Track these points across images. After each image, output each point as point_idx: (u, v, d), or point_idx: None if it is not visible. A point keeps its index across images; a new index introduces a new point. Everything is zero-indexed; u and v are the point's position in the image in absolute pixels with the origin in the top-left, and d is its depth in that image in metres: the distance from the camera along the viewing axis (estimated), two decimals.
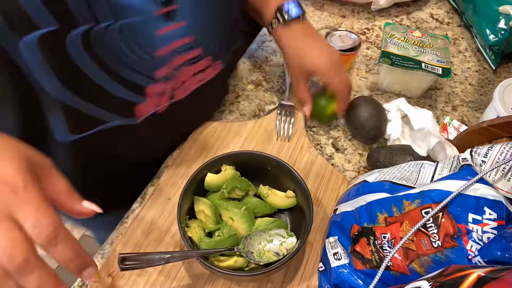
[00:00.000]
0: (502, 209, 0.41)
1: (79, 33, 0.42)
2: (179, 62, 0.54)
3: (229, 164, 0.59)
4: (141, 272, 0.55)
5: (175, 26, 0.49)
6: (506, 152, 0.46)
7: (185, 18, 0.49)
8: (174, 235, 0.59)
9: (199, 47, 0.55)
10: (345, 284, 0.51)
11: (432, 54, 0.77)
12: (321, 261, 0.56)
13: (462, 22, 0.98)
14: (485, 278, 0.31)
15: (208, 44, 0.57)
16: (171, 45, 0.51)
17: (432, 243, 0.43)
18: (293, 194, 0.58)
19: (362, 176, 0.60)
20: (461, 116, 0.79)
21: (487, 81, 0.86)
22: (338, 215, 0.57)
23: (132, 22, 0.44)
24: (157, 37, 0.48)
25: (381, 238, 0.48)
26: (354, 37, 0.82)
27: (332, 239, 0.55)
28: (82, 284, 0.55)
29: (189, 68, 0.56)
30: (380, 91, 0.82)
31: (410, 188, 0.49)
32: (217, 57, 0.61)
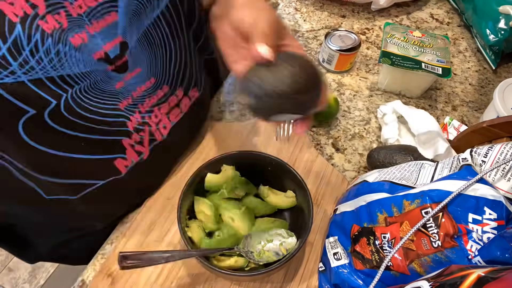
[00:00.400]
0: (502, 209, 0.41)
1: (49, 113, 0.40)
2: (149, 106, 0.52)
3: (229, 164, 0.59)
4: (141, 272, 0.55)
5: (131, 75, 0.47)
6: (506, 152, 0.46)
7: (140, 64, 0.47)
8: (174, 235, 0.59)
9: (164, 84, 0.53)
10: (345, 284, 0.51)
11: (432, 54, 0.77)
12: (321, 261, 0.56)
13: (462, 22, 0.98)
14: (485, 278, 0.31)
15: (173, 80, 0.55)
16: (133, 94, 0.49)
17: (432, 243, 0.43)
18: (293, 194, 0.58)
19: (362, 176, 0.60)
20: (461, 116, 0.79)
21: (487, 81, 0.86)
22: (338, 215, 0.57)
23: (85, 85, 0.42)
24: (117, 90, 0.46)
25: (381, 238, 0.48)
26: (354, 37, 0.82)
27: (332, 239, 0.55)
28: (82, 284, 0.55)
29: (160, 108, 0.54)
30: (380, 91, 0.82)
31: (410, 188, 0.49)
32: (188, 87, 0.59)
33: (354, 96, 0.80)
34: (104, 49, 0.42)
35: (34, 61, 0.36)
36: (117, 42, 0.43)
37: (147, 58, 0.48)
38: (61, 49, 0.38)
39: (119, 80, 0.46)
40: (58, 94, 0.40)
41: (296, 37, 0.92)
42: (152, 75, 0.50)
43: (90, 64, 0.41)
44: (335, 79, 0.83)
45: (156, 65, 0.50)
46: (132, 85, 0.48)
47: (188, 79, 0.58)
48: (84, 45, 0.40)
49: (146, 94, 0.51)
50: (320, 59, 0.85)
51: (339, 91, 0.81)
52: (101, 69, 0.43)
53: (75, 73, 0.40)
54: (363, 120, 0.76)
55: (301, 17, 0.97)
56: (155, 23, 0.48)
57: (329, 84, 0.82)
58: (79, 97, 0.42)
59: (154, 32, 0.48)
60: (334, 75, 0.84)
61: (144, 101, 0.51)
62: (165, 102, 0.55)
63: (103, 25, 0.41)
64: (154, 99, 0.53)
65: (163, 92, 0.53)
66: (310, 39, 0.91)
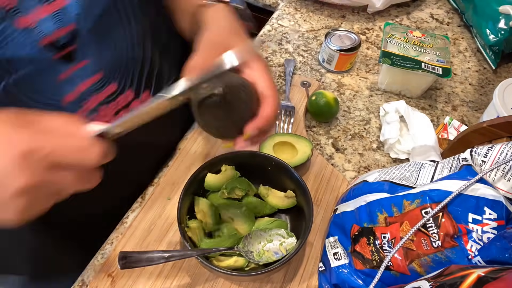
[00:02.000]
0: (502, 209, 0.41)
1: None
2: (95, 104, 0.49)
3: (229, 164, 0.59)
4: (141, 272, 0.55)
5: (77, 66, 0.44)
6: (506, 152, 0.46)
7: (88, 56, 0.45)
8: (174, 235, 0.59)
9: (112, 82, 0.50)
10: (345, 284, 0.51)
11: (432, 54, 0.77)
12: (321, 261, 0.56)
13: (462, 22, 0.98)
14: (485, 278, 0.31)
15: (122, 77, 0.51)
16: (79, 87, 0.46)
17: (432, 243, 0.43)
18: (293, 194, 0.58)
19: (362, 176, 0.60)
20: (461, 116, 0.79)
21: (487, 81, 0.86)
22: (338, 215, 0.57)
23: (27, 73, 0.40)
24: (61, 82, 0.44)
25: (381, 238, 0.48)
26: (354, 37, 0.82)
27: (332, 239, 0.55)
28: (82, 284, 0.55)
29: (108, 107, 0.51)
30: (380, 91, 0.82)
31: (410, 188, 0.49)
32: (139, 88, 0.55)
33: (354, 96, 0.80)
34: (53, 35, 0.40)
35: None
36: (69, 29, 0.41)
37: (97, 51, 0.46)
38: (6, 29, 0.36)
39: (64, 70, 0.43)
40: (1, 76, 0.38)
41: (296, 37, 0.92)
42: (99, 69, 0.47)
43: (35, 49, 0.39)
44: (335, 79, 0.83)
45: (105, 59, 0.48)
46: (77, 77, 0.45)
47: (139, 79, 0.55)
48: (30, 30, 0.38)
49: (93, 89, 0.48)
50: (320, 59, 0.85)
51: (339, 91, 0.81)
52: (46, 57, 0.41)
53: (18, 56, 0.38)
54: (363, 120, 0.76)
55: (301, 17, 0.97)
56: (108, 12, 0.46)
57: (329, 84, 0.82)
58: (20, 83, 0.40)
59: (107, 23, 0.46)
60: (334, 75, 0.84)
61: (90, 98, 0.48)
62: (113, 101, 0.51)
63: (54, 8, 0.39)
64: (101, 97, 0.50)
65: (110, 91, 0.50)
66: (310, 39, 0.91)
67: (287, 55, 0.88)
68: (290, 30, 0.93)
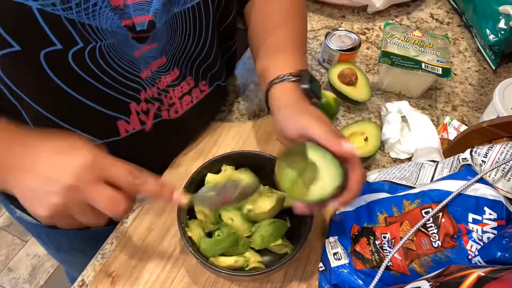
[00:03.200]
0: (502, 209, 0.41)
1: (73, 53, 0.44)
2: (165, 85, 0.55)
3: (229, 164, 0.59)
4: (141, 272, 0.55)
5: (147, 47, 0.49)
6: (506, 152, 0.46)
7: (156, 41, 0.50)
8: (174, 235, 0.59)
9: (175, 67, 0.55)
10: (345, 284, 0.51)
11: (432, 54, 0.77)
12: (321, 261, 0.56)
13: (462, 22, 0.98)
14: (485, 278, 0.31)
15: (183, 65, 0.57)
16: (151, 66, 0.52)
17: (432, 243, 0.43)
18: None
19: None
20: (461, 116, 0.79)
21: (487, 81, 0.86)
22: (338, 215, 0.57)
23: (111, 43, 0.46)
24: (137, 58, 0.49)
25: (381, 238, 0.48)
26: (354, 37, 0.82)
27: (332, 239, 0.55)
28: (82, 284, 0.55)
29: (175, 90, 0.57)
30: (380, 91, 0.82)
31: (410, 188, 0.49)
32: (198, 79, 0.61)
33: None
34: (133, 19, 0.45)
35: (74, 3, 0.40)
36: (147, 19, 0.46)
37: (165, 39, 0.51)
38: (99, 3, 0.42)
39: (137, 49, 0.49)
40: (87, 39, 0.43)
41: None
42: (164, 53, 0.53)
43: (116, 26, 0.45)
44: None
45: (170, 47, 0.53)
46: (148, 57, 0.51)
47: (197, 71, 0.60)
48: (119, 9, 0.43)
49: (161, 71, 0.54)
50: (320, 59, 0.85)
51: None
52: (124, 33, 0.46)
53: (102, 27, 0.44)
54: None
55: None
56: (184, 12, 0.51)
57: None
58: (105, 50, 0.46)
59: (180, 19, 0.51)
60: None
61: (160, 78, 0.54)
62: (178, 85, 0.57)
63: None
64: (168, 79, 0.55)
65: (175, 75, 0.56)
66: (310, 39, 0.91)
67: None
68: None
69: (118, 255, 0.57)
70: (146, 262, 0.56)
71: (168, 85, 0.56)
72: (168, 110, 0.59)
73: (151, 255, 0.57)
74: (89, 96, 0.49)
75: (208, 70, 0.63)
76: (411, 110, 0.72)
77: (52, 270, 1.53)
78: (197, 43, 0.57)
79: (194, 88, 0.61)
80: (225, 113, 0.76)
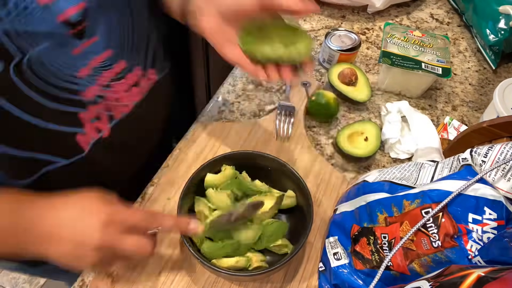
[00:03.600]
0: (502, 209, 0.41)
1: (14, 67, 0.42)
2: (106, 80, 0.52)
3: (229, 164, 0.59)
4: (141, 272, 0.55)
5: (88, 42, 0.48)
6: (506, 152, 0.46)
7: (98, 33, 0.48)
8: (174, 235, 0.59)
9: (121, 59, 0.53)
10: (345, 284, 0.51)
11: (432, 54, 0.77)
12: (321, 261, 0.56)
13: (462, 22, 0.98)
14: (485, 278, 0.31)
15: (130, 55, 0.55)
16: (91, 63, 0.49)
17: (432, 243, 0.43)
18: (293, 194, 0.58)
19: (362, 176, 0.60)
20: (461, 116, 0.79)
21: (487, 81, 0.86)
22: (338, 215, 0.57)
23: (46, 46, 0.44)
24: (75, 57, 0.47)
25: (381, 238, 0.48)
26: (354, 37, 0.82)
27: (332, 239, 0.55)
28: (82, 284, 0.55)
29: (118, 84, 0.54)
30: (380, 91, 0.82)
31: (410, 188, 0.49)
32: (147, 67, 0.59)
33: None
34: (67, 12, 0.43)
35: (4, 12, 0.38)
36: (81, 7, 0.44)
37: (105, 28, 0.49)
38: (28, 4, 0.40)
39: (76, 46, 0.47)
40: (24, 48, 0.42)
41: None
42: (108, 46, 0.51)
43: (52, 25, 0.43)
44: None
45: (113, 37, 0.51)
46: (89, 53, 0.49)
47: (145, 58, 0.58)
48: (49, 6, 0.41)
49: (103, 65, 0.51)
50: (320, 59, 0.85)
51: None
52: (62, 32, 0.44)
53: (38, 30, 0.42)
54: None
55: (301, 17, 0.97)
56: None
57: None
58: (42, 56, 0.44)
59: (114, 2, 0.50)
60: None
61: (101, 74, 0.51)
62: (123, 78, 0.55)
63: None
64: (111, 73, 0.53)
65: (120, 68, 0.54)
66: None
67: None
68: None
69: None
70: (146, 262, 0.56)
71: (111, 79, 0.53)
72: (116, 107, 0.55)
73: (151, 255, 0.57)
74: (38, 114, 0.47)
75: (156, 57, 0.61)
76: (411, 110, 0.72)
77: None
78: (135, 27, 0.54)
79: (142, 78, 0.59)
80: (225, 113, 0.76)
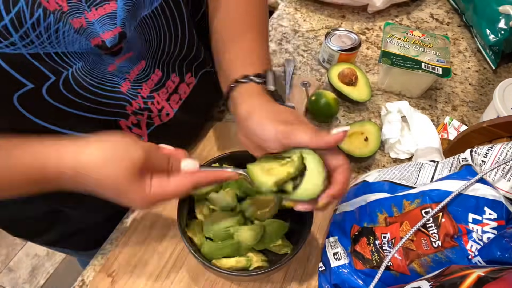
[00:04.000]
0: (502, 209, 0.41)
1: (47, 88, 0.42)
2: (148, 91, 0.52)
3: (229, 164, 0.59)
4: (141, 272, 0.55)
5: (122, 58, 0.47)
6: (506, 152, 0.46)
7: (132, 49, 0.48)
8: (174, 235, 0.59)
9: (156, 68, 0.53)
10: (345, 284, 0.51)
11: (432, 54, 0.77)
12: (321, 261, 0.56)
13: (462, 22, 0.98)
14: (485, 278, 0.31)
15: (164, 64, 0.54)
16: (129, 76, 0.50)
17: (432, 243, 0.43)
18: None
19: (362, 176, 0.60)
20: (461, 116, 0.79)
21: (487, 81, 0.86)
22: (338, 215, 0.57)
23: (82, 66, 0.44)
24: (111, 73, 0.47)
25: (381, 238, 0.48)
26: (354, 37, 0.82)
27: (332, 239, 0.55)
28: (82, 284, 0.55)
29: (159, 94, 0.54)
30: (380, 91, 0.82)
31: (410, 188, 0.49)
32: (182, 73, 0.58)
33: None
34: (102, 37, 0.43)
35: (34, 35, 0.37)
36: (116, 32, 0.43)
37: (140, 44, 0.49)
38: (60, 27, 0.39)
39: (112, 63, 0.47)
40: (58, 70, 0.41)
41: (296, 37, 0.92)
42: (142, 58, 0.51)
43: (85, 47, 0.42)
44: None
45: (148, 51, 0.51)
46: (124, 67, 0.49)
47: (180, 66, 0.58)
48: (83, 29, 0.41)
49: (141, 78, 0.51)
50: (320, 59, 0.85)
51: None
52: (96, 52, 0.44)
53: (70, 51, 0.41)
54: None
55: (301, 17, 0.97)
56: (152, 13, 0.48)
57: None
58: (79, 75, 0.44)
59: (150, 21, 0.49)
60: None
61: (141, 85, 0.52)
62: (163, 87, 0.55)
63: (101, 13, 0.42)
64: (150, 83, 0.53)
65: (157, 77, 0.54)
66: (310, 39, 0.91)
67: (287, 55, 0.88)
68: (290, 30, 0.93)
69: (118, 255, 0.57)
70: (146, 262, 0.56)
71: (151, 90, 0.53)
72: (159, 116, 0.56)
73: (151, 255, 0.57)
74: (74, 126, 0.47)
75: (193, 62, 0.60)
76: (411, 110, 0.72)
77: (52, 270, 1.53)
78: (175, 40, 0.54)
79: (180, 84, 0.58)
80: (225, 113, 0.76)
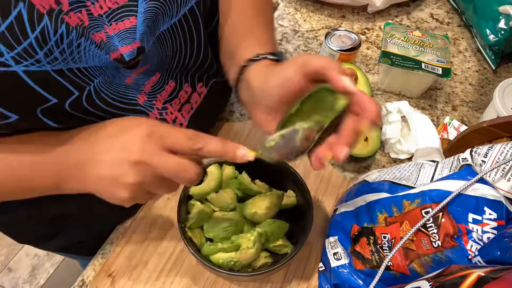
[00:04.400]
0: (502, 209, 0.41)
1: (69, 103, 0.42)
2: (162, 102, 0.53)
3: (229, 164, 0.59)
4: (141, 272, 0.55)
5: (139, 71, 0.48)
6: (506, 152, 0.46)
7: (149, 62, 0.48)
8: (174, 235, 0.59)
9: (170, 80, 0.53)
10: (345, 284, 0.51)
11: (432, 54, 0.77)
12: (321, 261, 0.56)
13: (462, 22, 0.98)
14: (485, 278, 0.31)
15: (177, 74, 0.55)
16: (144, 89, 0.50)
17: (432, 243, 0.43)
18: (293, 194, 0.58)
19: (362, 176, 0.60)
20: (461, 116, 0.79)
21: (487, 81, 0.86)
22: (338, 215, 0.57)
23: (102, 80, 0.44)
24: (128, 86, 0.48)
25: (381, 238, 0.48)
26: (354, 37, 0.82)
27: (332, 239, 0.55)
28: (82, 284, 0.55)
29: (172, 104, 0.55)
30: (380, 91, 0.82)
31: (410, 188, 0.49)
32: (194, 84, 0.59)
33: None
34: (120, 50, 0.43)
35: (58, 52, 0.38)
36: (135, 46, 0.44)
37: (157, 57, 0.49)
38: (82, 42, 0.39)
39: (129, 75, 0.47)
40: (81, 85, 0.42)
41: (296, 37, 0.92)
42: (157, 70, 0.51)
43: (105, 61, 0.43)
44: None
45: (163, 62, 0.51)
46: (140, 80, 0.49)
47: (192, 77, 0.58)
48: (103, 43, 0.41)
49: (156, 89, 0.52)
50: None
51: None
52: (114, 66, 0.44)
53: (90, 66, 0.42)
54: None
55: (301, 17, 0.97)
56: (171, 28, 0.48)
57: None
58: (100, 89, 0.44)
59: (168, 35, 0.49)
60: None
61: (156, 97, 0.53)
62: (176, 97, 0.55)
63: (121, 27, 0.42)
64: (164, 95, 0.54)
65: (171, 88, 0.54)
66: (310, 39, 0.91)
67: (287, 55, 0.88)
68: (290, 30, 0.93)
69: (118, 255, 0.57)
70: (146, 262, 0.56)
71: (165, 101, 0.54)
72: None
73: (151, 255, 0.57)
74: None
75: (205, 73, 0.61)
76: (411, 110, 0.72)
77: (52, 270, 1.53)
78: (190, 52, 0.54)
79: (192, 93, 0.59)
80: (225, 113, 0.76)
